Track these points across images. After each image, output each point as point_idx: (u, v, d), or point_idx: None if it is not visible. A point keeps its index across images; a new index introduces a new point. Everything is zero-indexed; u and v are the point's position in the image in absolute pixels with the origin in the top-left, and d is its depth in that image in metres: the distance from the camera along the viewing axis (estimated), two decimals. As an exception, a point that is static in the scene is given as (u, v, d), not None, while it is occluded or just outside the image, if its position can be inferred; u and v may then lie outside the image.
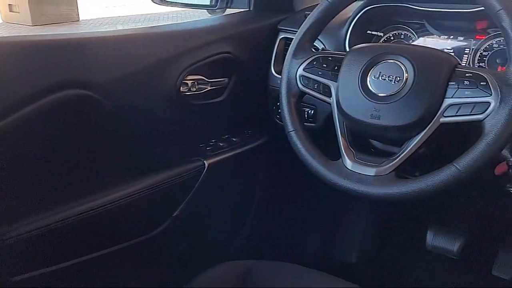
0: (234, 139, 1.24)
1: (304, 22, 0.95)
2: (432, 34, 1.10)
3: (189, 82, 1.09)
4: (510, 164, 0.84)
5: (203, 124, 1.17)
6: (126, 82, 0.97)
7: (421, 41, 1.11)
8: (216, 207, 1.25)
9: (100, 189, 0.96)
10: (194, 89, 1.11)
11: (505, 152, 0.87)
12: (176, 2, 1.37)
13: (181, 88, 1.07)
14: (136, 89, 0.99)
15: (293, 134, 0.91)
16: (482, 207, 1.33)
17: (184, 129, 1.13)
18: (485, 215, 1.32)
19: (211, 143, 1.20)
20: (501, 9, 0.74)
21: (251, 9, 1.34)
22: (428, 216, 1.44)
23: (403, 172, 0.82)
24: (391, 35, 1.15)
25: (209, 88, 1.14)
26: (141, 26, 1.41)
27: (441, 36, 1.09)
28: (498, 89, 0.73)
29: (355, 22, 1.12)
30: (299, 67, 0.93)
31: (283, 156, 1.07)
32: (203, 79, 1.12)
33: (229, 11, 1.39)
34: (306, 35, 0.94)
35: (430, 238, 1.37)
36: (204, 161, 1.13)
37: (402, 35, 1.13)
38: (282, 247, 1.46)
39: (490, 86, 0.73)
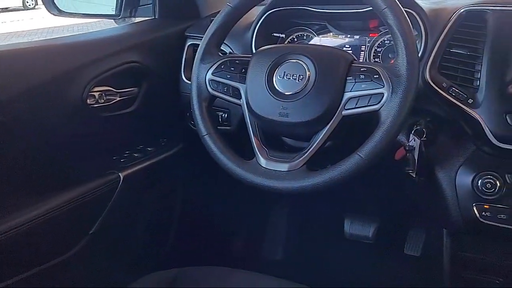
0: (149, 149, 1.22)
1: (209, 28, 0.96)
2: (332, 34, 1.17)
3: (96, 94, 1.06)
4: (407, 148, 0.91)
5: (115, 136, 1.14)
6: (25, 98, 0.91)
7: (322, 41, 1.17)
8: (136, 219, 1.22)
9: (7, 211, 0.89)
10: (102, 101, 1.07)
11: (402, 138, 0.95)
12: (75, 13, 1.31)
13: (88, 100, 1.03)
14: (38, 104, 0.94)
15: (207, 138, 0.92)
16: (390, 192, 1.43)
17: (95, 142, 1.09)
18: (394, 199, 1.42)
19: (126, 155, 1.17)
20: (385, 8, 0.80)
21: (156, 17, 1.33)
22: (345, 207, 1.53)
23: (314, 165, 0.86)
24: (294, 37, 1.20)
25: (118, 98, 1.11)
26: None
27: (340, 36, 1.16)
28: (389, 81, 0.79)
29: (259, 25, 1.15)
30: (207, 71, 0.94)
31: (201, 161, 1.07)
32: (111, 90, 1.09)
33: (134, 20, 1.37)
34: (212, 40, 0.96)
35: (348, 227, 1.46)
36: (119, 174, 1.10)
37: (304, 36, 1.19)
38: (209, 252, 1.46)
39: (382, 78, 0.80)
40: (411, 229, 1.45)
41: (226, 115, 1.19)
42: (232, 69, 0.93)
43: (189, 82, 0.99)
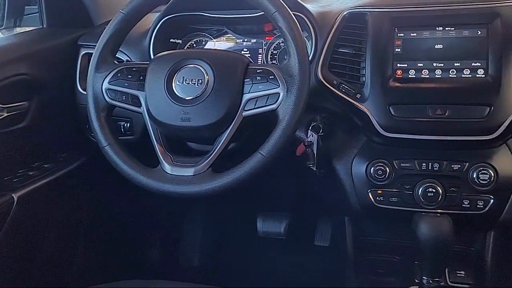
0: (46, 166, 1.15)
1: (102, 35, 0.93)
2: (231, 38, 1.19)
3: (-20, 111, 0.97)
4: (306, 144, 0.97)
5: (5, 155, 1.05)
6: None
7: (220, 45, 1.19)
8: (38, 241, 1.14)
9: None
10: (-13, 118, 0.99)
11: (301, 134, 1.01)
12: None
13: (-29, 118, 0.95)
14: None
15: (107, 148, 0.89)
16: (298, 188, 1.49)
17: (-18, 163, 1.00)
18: (301, 194, 1.48)
19: (19, 174, 1.09)
20: (275, 12, 0.84)
21: (44, 26, 1.25)
22: (257, 206, 1.56)
23: (220, 167, 0.87)
24: (193, 42, 1.21)
25: (6, 114, 1.03)
26: None
27: (238, 39, 1.19)
28: (284, 81, 0.83)
29: (156, 32, 1.14)
30: (103, 80, 0.91)
31: (107, 173, 1.03)
32: (-3, 106, 1.01)
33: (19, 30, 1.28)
34: (106, 48, 0.93)
35: (260, 225, 1.50)
36: (13, 195, 1.02)
37: (203, 41, 1.20)
38: (123, 265, 1.41)
39: (277, 78, 0.84)
40: (319, 221, 1.52)
41: (128, 125, 1.16)
42: (130, 77, 0.91)
43: (85, 93, 0.95)
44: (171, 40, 1.19)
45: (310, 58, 1.01)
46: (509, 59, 0.88)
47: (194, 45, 1.21)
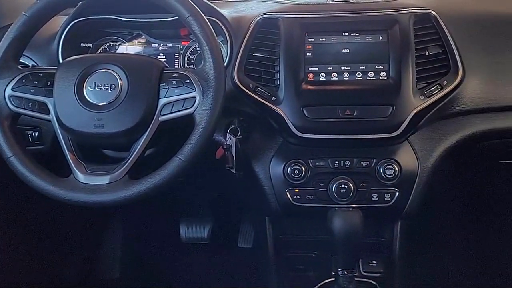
0: None
1: (2, 40, 0.88)
2: (146, 42, 1.17)
3: None
4: (225, 147, 0.98)
5: None
6: None
7: (135, 50, 1.17)
8: None
9: None
10: None
11: (220, 138, 1.02)
12: None
13: None
14: None
15: (13, 159, 0.83)
16: (220, 192, 1.50)
17: None
18: (224, 198, 1.49)
19: None
20: (189, 16, 0.85)
21: None
22: (179, 212, 1.55)
23: (137, 174, 0.85)
24: (105, 46, 1.17)
25: None
26: None
27: (154, 44, 1.17)
28: (200, 85, 0.83)
29: (65, 36, 1.09)
30: (6, 87, 0.86)
31: (18, 185, 0.96)
32: None
33: None
34: (8, 53, 0.87)
35: (183, 231, 1.48)
36: None
37: (116, 45, 1.17)
38: (41, 278, 1.32)
39: (193, 82, 0.84)
40: (242, 223, 1.55)
41: (36, 134, 1.09)
42: (36, 83, 0.86)
43: (-14, 101, 0.88)
44: (82, 44, 1.14)
45: (226, 62, 1.03)
46: (407, 63, 0.95)
47: (107, 49, 1.17)
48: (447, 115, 1.00)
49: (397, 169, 0.98)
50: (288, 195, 1.01)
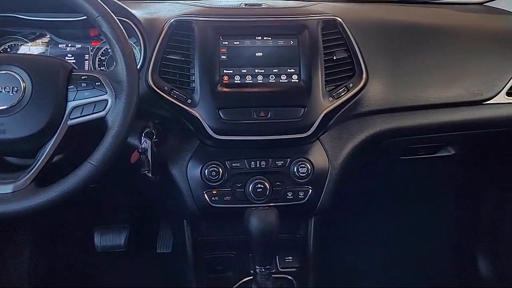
0: None
1: None
2: (52, 42, 1.11)
3: None
4: (140, 151, 0.96)
5: None
6: None
7: (37, 50, 1.10)
8: None
9: None
10: None
11: (135, 141, 0.99)
12: None
13: None
14: None
15: None
16: (137, 197, 1.46)
17: None
18: (140, 202, 1.46)
19: None
20: (98, 16, 0.82)
21: None
22: (93, 221, 1.48)
23: (45, 181, 0.81)
24: (6, 46, 1.09)
25: None
26: None
27: (61, 44, 1.11)
28: (112, 87, 0.81)
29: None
30: None
31: None
32: None
33: None
34: None
35: (98, 240, 1.42)
36: None
37: (18, 45, 1.09)
38: None
39: (105, 85, 0.81)
40: (161, 228, 1.52)
41: None
42: None
43: None
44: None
45: (139, 65, 1.01)
46: (317, 66, 1.00)
47: (8, 49, 1.09)
48: (354, 115, 1.07)
49: (309, 167, 1.02)
50: (206, 197, 1.01)
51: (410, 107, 1.09)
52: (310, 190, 1.03)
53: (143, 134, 0.98)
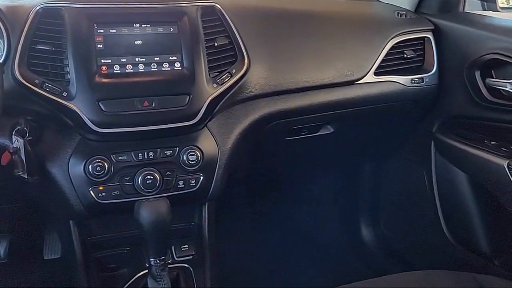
0: None
1: None
2: None
3: None
4: (12, 151, 0.88)
5: None
6: None
7: None
8: None
9: None
10: None
11: (5, 141, 0.91)
12: None
13: None
14: None
15: None
16: (16, 203, 1.34)
17: None
18: (19, 208, 1.34)
19: None
20: None
21: None
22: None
23: None
24: None
25: None
26: None
27: None
28: None
29: None
30: None
31: None
32: None
33: None
34: None
35: (-29, 255, 1.28)
36: None
37: None
38: None
39: None
40: (46, 233, 1.41)
41: None
42: None
43: None
44: None
45: (3, 57, 0.92)
46: (199, 53, 1.00)
47: None
48: (239, 100, 1.09)
49: (199, 155, 1.02)
50: (92, 194, 0.96)
51: (291, 90, 1.15)
52: (201, 177, 1.04)
53: (13, 133, 0.89)
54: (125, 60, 0.97)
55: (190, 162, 1.02)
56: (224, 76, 1.03)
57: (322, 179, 1.84)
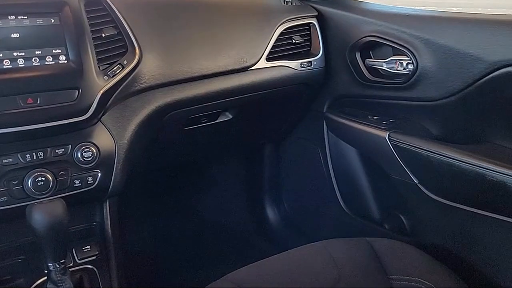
0: None
1: None
2: None
3: None
4: None
5: None
6: None
7: None
8: None
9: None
10: None
11: None
12: None
13: None
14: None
15: None
16: None
17: None
18: None
19: None
20: None
21: None
22: None
23: None
24: None
25: None
26: None
27: None
28: None
29: None
30: None
31: None
32: None
33: None
34: None
35: None
36: None
37: None
38: None
39: None
40: None
41: None
42: None
43: None
44: None
45: None
46: (85, 45, 0.96)
47: None
48: (133, 92, 1.07)
49: (95, 151, 0.99)
50: None
51: (187, 79, 1.15)
52: (99, 174, 1.00)
53: None
54: (1, 55, 0.89)
55: (85, 159, 0.97)
56: (115, 68, 1.00)
57: (226, 165, 1.88)
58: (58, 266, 0.87)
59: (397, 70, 1.23)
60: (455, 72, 1.08)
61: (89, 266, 1.04)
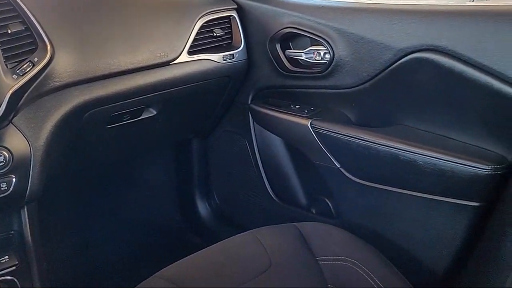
0: None
1: None
2: None
3: None
4: None
5: None
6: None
7: None
8: None
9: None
10: None
11: None
12: None
13: None
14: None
15: None
16: None
17: None
18: None
19: None
20: None
21: None
22: None
23: None
24: None
25: None
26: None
27: None
28: None
29: None
30: None
31: None
32: None
33: None
34: None
35: None
36: None
37: None
38: None
39: None
40: None
41: None
42: None
43: None
44: None
45: None
46: None
47: None
48: (47, 91, 1.01)
49: (7, 155, 0.93)
50: None
51: (105, 75, 1.11)
52: (14, 179, 0.94)
53: None
54: None
55: (-2, 164, 0.91)
56: (25, 66, 0.94)
57: (154, 162, 1.84)
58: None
59: (316, 60, 1.27)
60: (367, 60, 1.15)
61: (9, 277, 0.98)
